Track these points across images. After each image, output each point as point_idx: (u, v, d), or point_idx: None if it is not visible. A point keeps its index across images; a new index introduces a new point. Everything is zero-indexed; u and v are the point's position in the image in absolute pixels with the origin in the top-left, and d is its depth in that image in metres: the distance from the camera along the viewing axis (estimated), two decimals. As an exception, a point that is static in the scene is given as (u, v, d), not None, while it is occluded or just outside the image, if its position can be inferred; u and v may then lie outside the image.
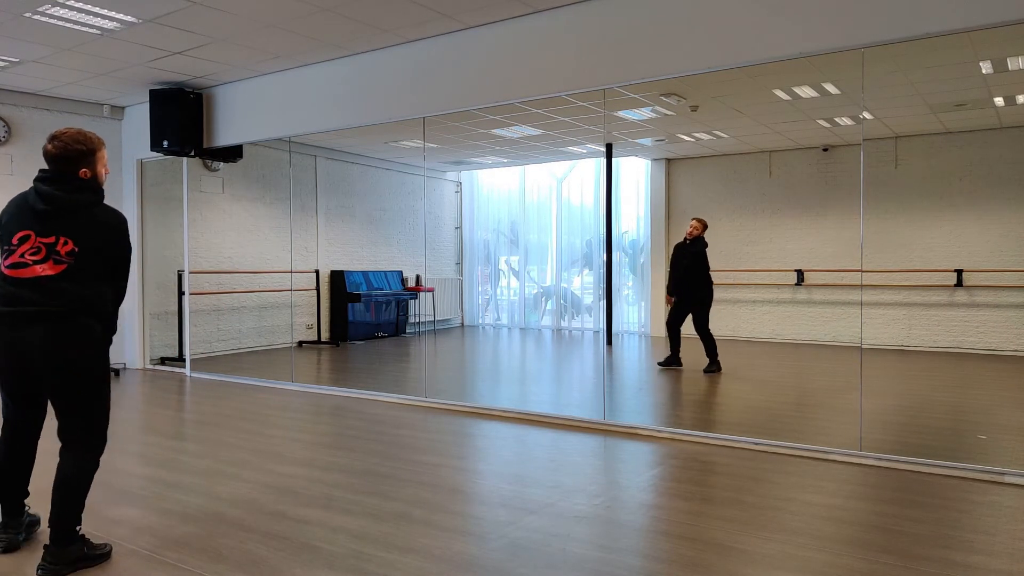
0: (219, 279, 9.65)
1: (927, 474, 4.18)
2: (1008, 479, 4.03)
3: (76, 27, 5.86)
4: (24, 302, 2.83)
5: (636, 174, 10.73)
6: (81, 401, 2.93)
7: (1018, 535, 3.27)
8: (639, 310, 10.73)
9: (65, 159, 2.93)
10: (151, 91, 7.75)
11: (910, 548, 3.11)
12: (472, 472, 4.44)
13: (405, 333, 11.95)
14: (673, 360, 7.76)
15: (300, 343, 10.56)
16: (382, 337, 11.52)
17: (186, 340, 8.68)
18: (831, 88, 6.82)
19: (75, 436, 2.95)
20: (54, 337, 2.84)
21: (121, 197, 8.77)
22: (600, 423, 5.52)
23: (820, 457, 4.55)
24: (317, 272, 10.92)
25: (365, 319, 11.29)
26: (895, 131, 9.37)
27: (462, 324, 13.50)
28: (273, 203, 10.35)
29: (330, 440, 5.18)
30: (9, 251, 2.89)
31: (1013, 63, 6.26)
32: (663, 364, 7.83)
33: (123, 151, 8.83)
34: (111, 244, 2.97)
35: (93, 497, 3.81)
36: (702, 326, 7.63)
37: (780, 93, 7.14)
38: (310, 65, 7.06)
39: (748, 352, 9.21)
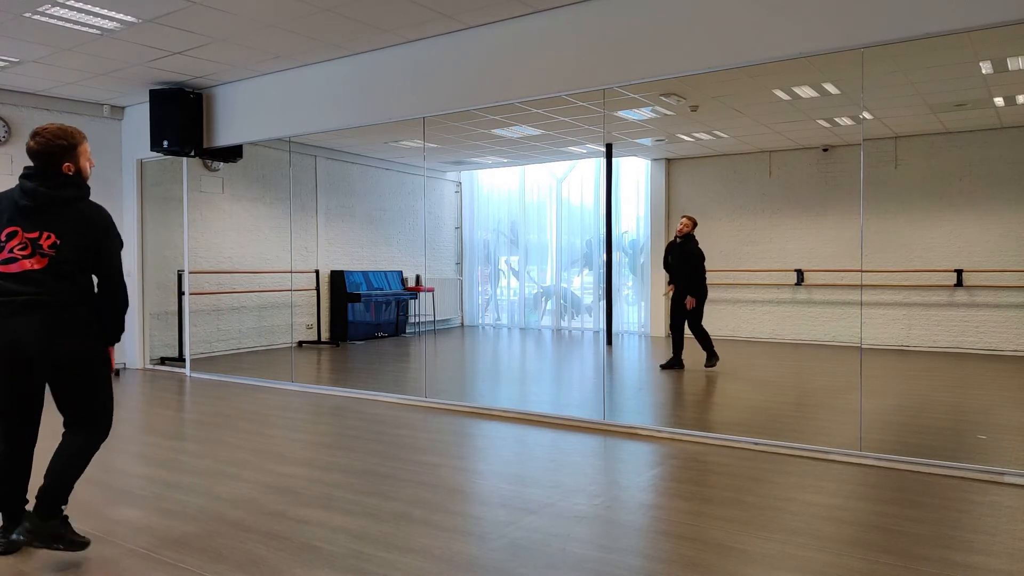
0: (219, 279, 9.65)
1: (927, 474, 4.18)
2: (1008, 479, 4.03)
3: (76, 27, 5.86)
4: (15, 293, 2.88)
5: (636, 174, 10.73)
6: (82, 389, 2.98)
7: (1018, 535, 3.27)
8: (639, 310, 10.73)
9: (47, 155, 2.96)
10: (151, 91, 7.75)
11: (910, 548, 3.11)
12: (472, 472, 4.44)
13: (405, 333, 11.95)
14: (675, 363, 7.74)
15: (300, 343, 10.56)
16: (382, 337, 11.52)
17: (186, 340, 8.68)
18: (831, 88, 6.82)
19: (80, 419, 3.01)
20: (48, 327, 2.88)
21: (121, 197, 8.77)
22: (600, 423, 5.52)
23: (820, 457, 4.55)
24: (317, 272, 10.92)
25: (365, 319, 11.29)
26: (895, 131, 9.37)
27: (462, 324, 13.50)
28: (273, 203, 10.35)
29: (330, 440, 5.18)
30: None
31: (1013, 63, 6.26)
32: (665, 367, 7.82)
33: (123, 151, 8.83)
34: (96, 239, 2.98)
35: (93, 497, 3.81)
36: (695, 323, 7.65)
37: (780, 93, 7.14)
38: (310, 65, 7.06)
39: (748, 352, 9.21)
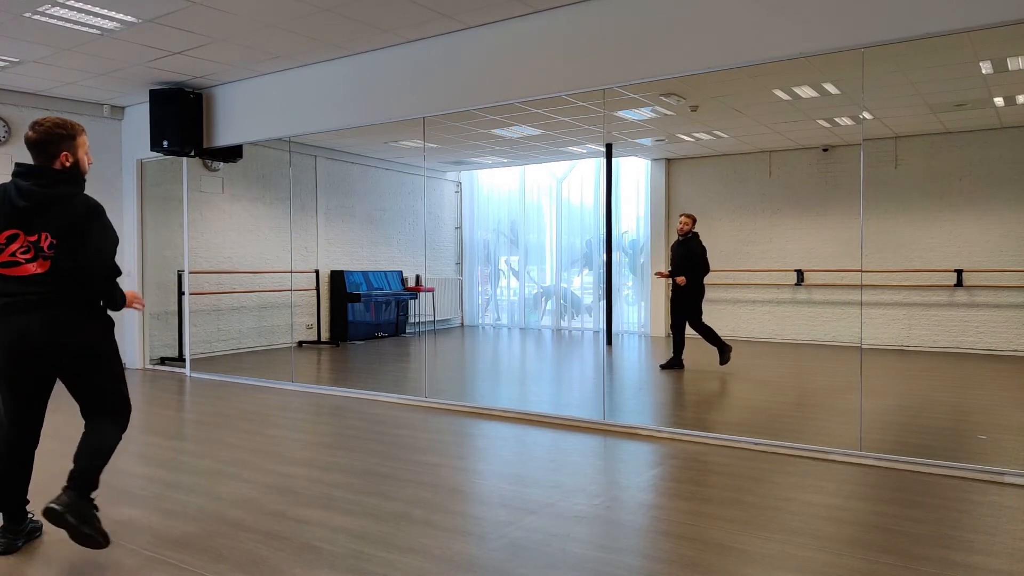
0: (219, 279, 9.65)
1: (927, 474, 4.18)
2: (1008, 479, 4.03)
3: (76, 27, 5.86)
4: (20, 293, 2.89)
5: (636, 174, 10.73)
6: (96, 379, 3.03)
7: (1018, 535, 3.27)
8: (639, 310, 10.73)
9: (46, 142, 2.99)
10: (151, 91, 7.75)
11: (910, 548, 3.11)
12: (472, 472, 4.44)
13: (405, 333, 11.95)
14: (675, 363, 7.74)
15: (300, 343, 10.56)
16: (382, 337, 11.52)
17: (186, 340, 8.68)
18: (831, 88, 6.82)
19: (98, 409, 3.06)
20: (55, 321, 2.91)
21: (121, 197, 8.77)
22: (600, 423, 5.52)
23: (820, 457, 4.55)
24: (317, 272, 10.92)
25: (365, 319, 11.29)
26: (895, 131, 9.37)
27: (462, 324, 13.50)
28: (273, 203, 10.35)
29: (330, 440, 5.18)
30: None
31: (1013, 63, 6.26)
32: (665, 367, 7.82)
33: (123, 151, 8.83)
34: (87, 229, 2.96)
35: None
36: (695, 320, 7.63)
37: (780, 93, 7.14)
38: (310, 65, 7.06)
39: (748, 352, 9.20)
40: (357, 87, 6.78)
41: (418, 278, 12.46)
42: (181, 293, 8.88)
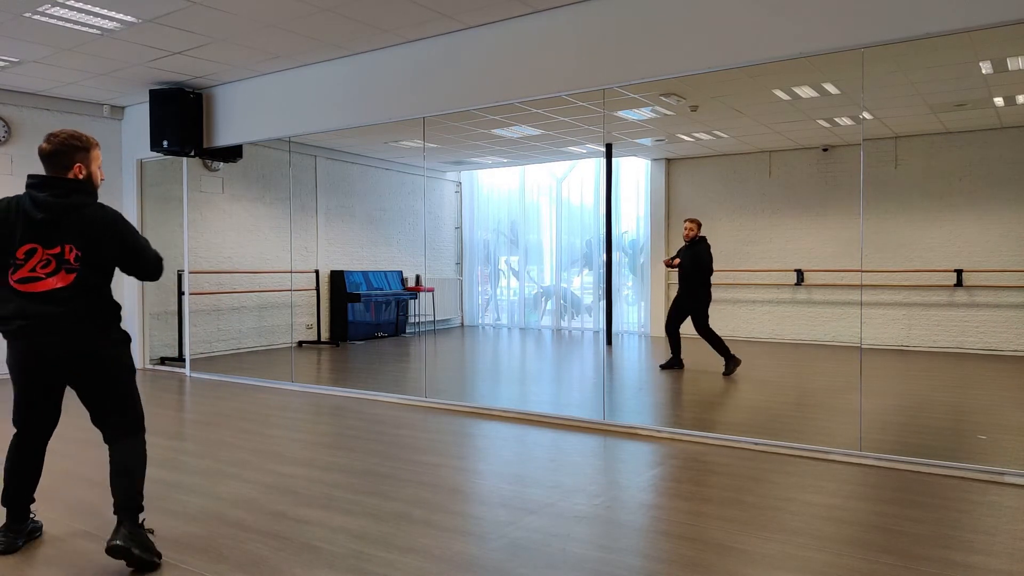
0: (219, 279, 9.65)
1: (927, 474, 4.18)
2: (1008, 479, 4.03)
3: (76, 27, 5.86)
4: (40, 315, 2.86)
5: (636, 174, 10.73)
6: (114, 396, 3.02)
7: (1018, 535, 3.27)
8: (639, 310, 10.73)
9: (60, 153, 2.95)
10: (151, 91, 7.75)
11: (910, 548, 3.11)
12: (472, 472, 4.44)
13: (405, 333, 11.95)
14: (674, 362, 7.74)
15: (300, 343, 10.56)
16: (382, 337, 11.53)
17: (186, 340, 8.68)
18: (831, 88, 6.82)
19: (119, 427, 3.04)
20: (73, 342, 2.89)
21: (121, 197, 8.77)
22: (600, 423, 5.52)
23: (820, 457, 4.55)
24: (317, 272, 10.92)
25: (365, 319, 11.29)
26: (895, 131, 9.37)
27: (462, 324, 13.50)
28: (273, 203, 10.35)
29: (330, 440, 5.18)
30: (16, 265, 2.88)
31: (1013, 63, 6.26)
32: (664, 367, 7.82)
33: (123, 151, 8.83)
34: (113, 241, 2.95)
35: (94, 497, 3.81)
36: (702, 326, 7.57)
37: (780, 93, 7.14)
38: (310, 65, 7.06)
39: (748, 352, 9.19)
40: (357, 87, 6.78)
41: (418, 278, 12.46)
42: (181, 293, 8.88)
